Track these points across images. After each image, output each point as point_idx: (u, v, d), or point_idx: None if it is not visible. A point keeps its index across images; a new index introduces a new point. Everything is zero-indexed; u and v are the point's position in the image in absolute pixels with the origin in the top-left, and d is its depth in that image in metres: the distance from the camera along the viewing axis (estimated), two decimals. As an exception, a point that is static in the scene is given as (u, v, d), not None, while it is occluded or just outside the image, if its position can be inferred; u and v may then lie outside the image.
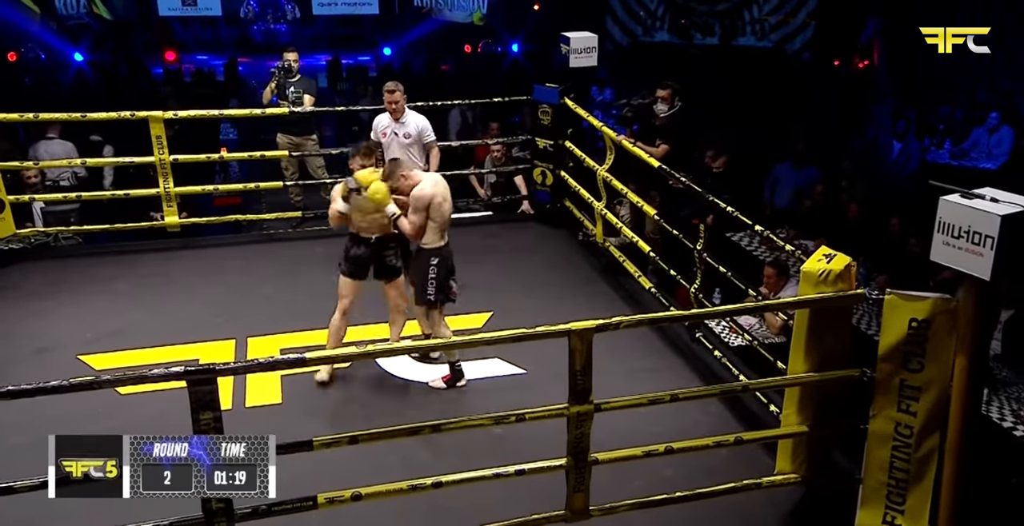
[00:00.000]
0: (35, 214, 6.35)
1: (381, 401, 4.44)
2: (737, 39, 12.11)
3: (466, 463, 3.43)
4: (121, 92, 9.79)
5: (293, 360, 3.11)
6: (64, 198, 6.15)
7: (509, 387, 4.59)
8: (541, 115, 6.74)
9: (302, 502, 3.07)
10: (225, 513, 2.94)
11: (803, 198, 7.95)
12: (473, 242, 6.53)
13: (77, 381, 3.04)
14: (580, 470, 3.28)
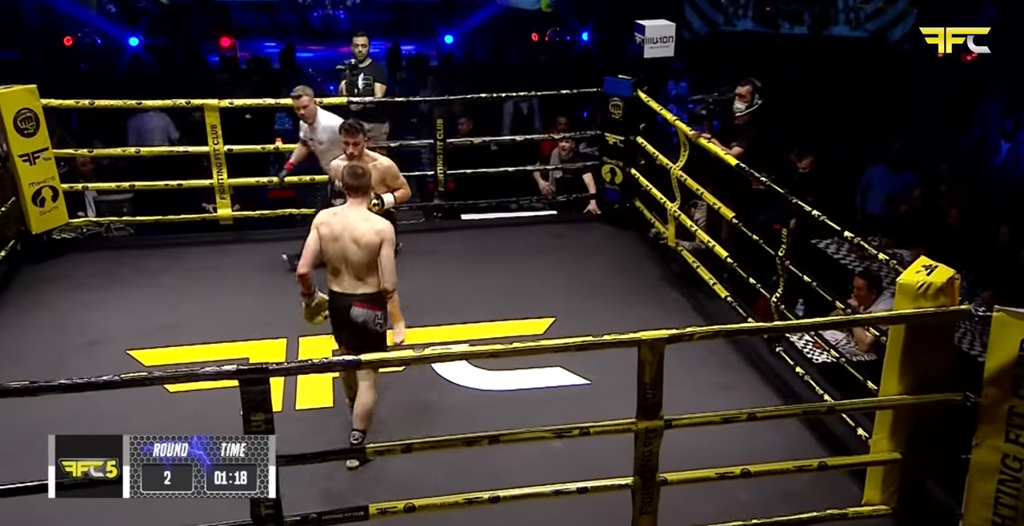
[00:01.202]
0: (88, 203, 6.62)
1: (436, 408, 4.48)
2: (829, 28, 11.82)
3: (523, 478, 3.44)
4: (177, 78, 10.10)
5: (348, 362, 3.17)
6: (117, 187, 6.39)
7: (571, 398, 4.58)
8: (611, 109, 6.72)
9: (353, 512, 3.13)
10: (274, 519, 3.01)
11: (898, 203, 7.72)
12: (536, 242, 6.58)
13: (129, 377, 3.15)
14: (648, 490, 3.25)
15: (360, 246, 3.89)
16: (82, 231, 6.42)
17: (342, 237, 3.92)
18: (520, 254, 6.34)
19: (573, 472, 3.49)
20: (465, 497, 3.21)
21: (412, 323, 5.22)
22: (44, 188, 5.79)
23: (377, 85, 6.88)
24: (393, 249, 3.96)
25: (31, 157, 5.67)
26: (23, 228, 5.74)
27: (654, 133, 6.86)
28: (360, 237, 3.89)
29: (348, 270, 3.96)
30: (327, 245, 3.95)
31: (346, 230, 3.91)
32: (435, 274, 6.00)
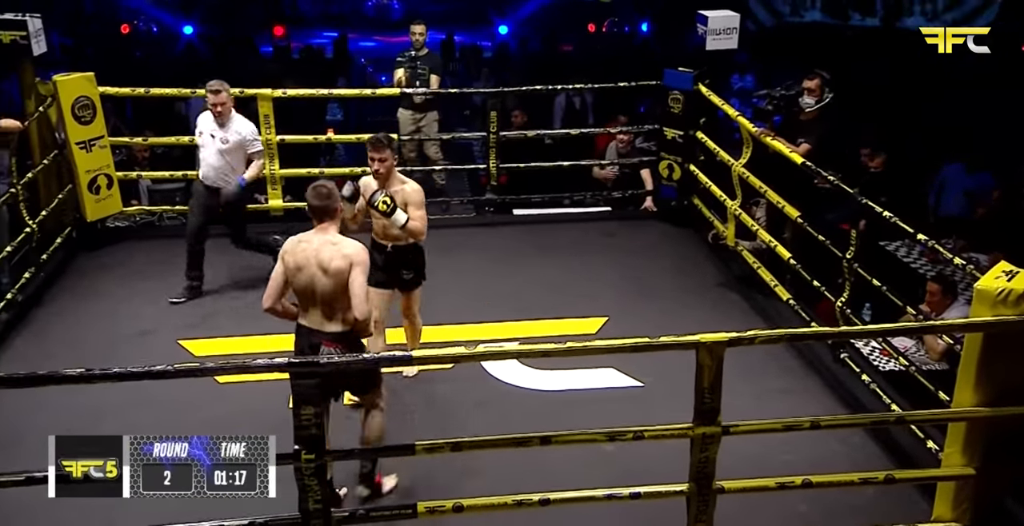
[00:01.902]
0: (142, 192, 6.79)
1: (485, 406, 4.49)
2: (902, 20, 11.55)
3: (573, 480, 3.43)
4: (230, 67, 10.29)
5: (399, 357, 3.20)
6: (171, 176, 6.54)
7: (623, 400, 4.56)
8: (671, 103, 6.66)
9: (401, 509, 3.16)
10: (322, 514, 3.05)
11: (975, 205, 7.51)
12: (589, 239, 6.56)
13: (182, 367, 3.22)
14: (703, 498, 3.22)
15: (328, 274, 3.52)
16: (135, 220, 6.59)
17: (307, 266, 3.55)
18: (573, 251, 6.33)
19: (623, 476, 3.47)
20: (515, 498, 3.21)
21: (461, 319, 5.31)
22: (99, 176, 5.95)
23: (433, 77, 6.94)
24: (365, 275, 3.55)
25: (88, 145, 5.84)
26: (78, 215, 5.91)
27: (715, 128, 6.77)
28: (327, 263, 3.52)
29: (316, 304, 3.58)
30: (292, 277, 3.58)
31: (311, 258, 3.54)
32: (485, 270, 6.03)
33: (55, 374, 2.88)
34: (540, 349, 3.32)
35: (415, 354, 3.19)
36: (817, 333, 3.85)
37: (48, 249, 5.66)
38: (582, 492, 3.26)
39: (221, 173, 5.42)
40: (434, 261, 6.12)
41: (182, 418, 4.12)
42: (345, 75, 10.91)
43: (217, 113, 5.33)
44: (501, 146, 6.78)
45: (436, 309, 5.38)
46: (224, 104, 5.33)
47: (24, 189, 5.46)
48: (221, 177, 5.43)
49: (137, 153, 6.72)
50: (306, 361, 3.08)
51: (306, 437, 3.01)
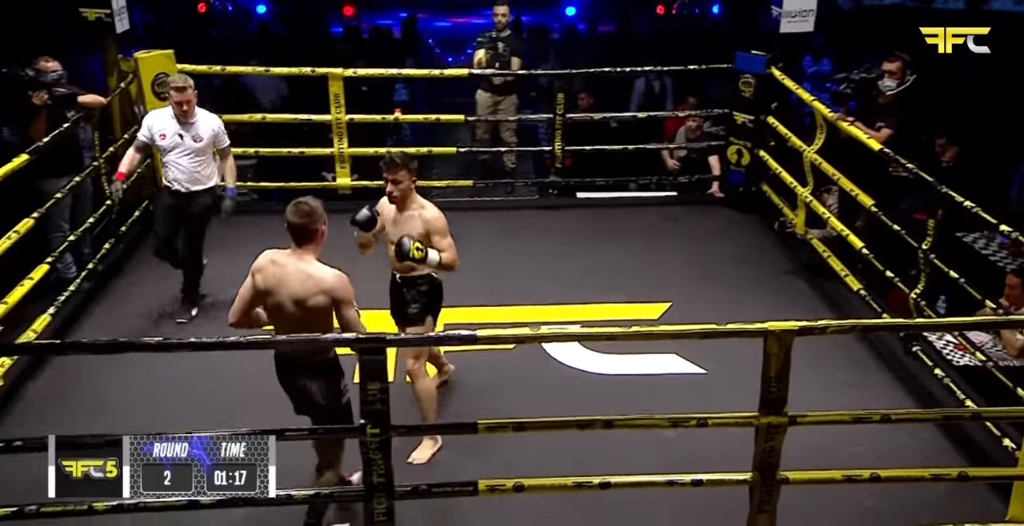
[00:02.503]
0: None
1: (546, 388, 4.48)
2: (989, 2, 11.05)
3: (632, 465, 3.41)
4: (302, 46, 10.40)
5: (464, 336, 3.19)
6: (242, 153, 6.64)
7: (685, 387, 4.51)
8: (742, 86, 6.52)
9: (462, 486, 3.17)
10: (385, 488, 3.08)
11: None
12: (654, 224, 6.49)
13: (253, 339, 3.29)
14: (767, 488, 3.17)
15: (304, 309, 3.16)
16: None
17: (276, 293, 3.20)
18: (637, 235, 6.26)
19: (683, 463, 3.44)
20: (575, 481, 3.20)
21: (523, 300, 5.30)
22: (176, 151, 6.07)
23: (515, 59, 6.92)
24: (354, 306, 3.20)
25: (166, 121, 5.96)
26: (156, 189, 6.05)
27: (787, 113, 6.60)
28: (302, 297, 3.15)
29: (289, 332, 3.22)
30: (261, 299, 3.25)
31: (282, 286, 3.18)
32: (548, 252, 6.01)
33: (135, 342, 2.97)
34: (606, 332, 3.30)
35: (480, 333, 3.16)
36: (891, 324, 3.74)
37: (127, 221, 5.82)
38: (643, 477, 3.23)
39: (195, 175, 4.95)
40: (497, 242, 6.20)
41: (249, 388, 4.19)
42: (413, 55, 10.93)
43: (183, 111, 4.84)
44: (567, 129, 6.73)
45: (498, 290, 5.41)
46: (191, 101, 4.85)
47: (105, 162, 5.62)
48: (195, 179, 4.96)
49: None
50: (373, 336, 3.10)
51: (372, 412, 3.05)
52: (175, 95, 4.83)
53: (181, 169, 4.93)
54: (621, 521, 3.52)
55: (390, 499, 3.10)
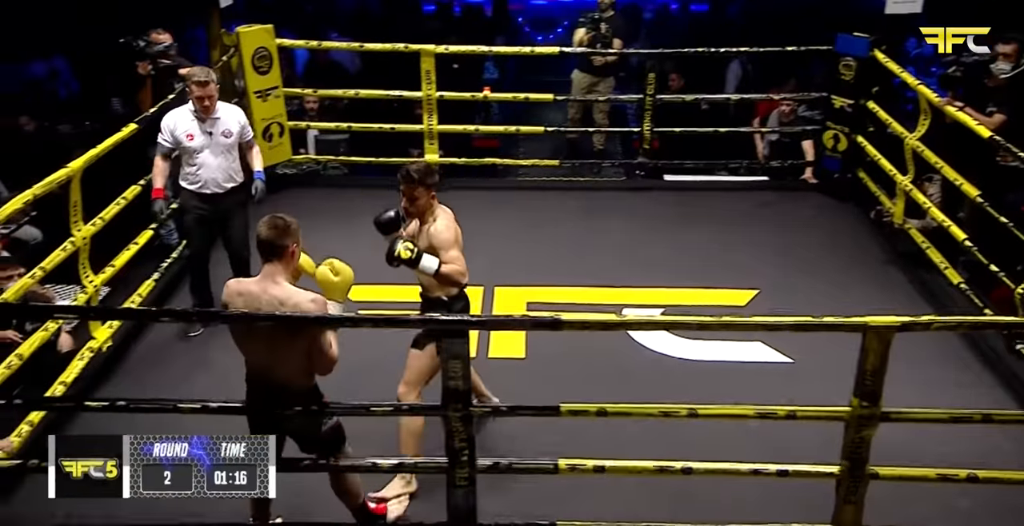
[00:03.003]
0: (309, 142, 7.06)
1: (629, 373, 4.44)
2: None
3: (713, 452, 3.34)
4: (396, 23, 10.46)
5: (548, 321, 3.15)
6: (336, 128, 6.76)
7: (771, 376, 4.41)
8: (842, 69, 6.28)
9: (544, 464, 3.17)
10: (468, 458, 3.10)
11: None
12: (743, 209, 6.34)
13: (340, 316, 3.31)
14: (855, 482, 3.07)
15: (282, 339, 2.91)
16: (302, 168, 6.86)
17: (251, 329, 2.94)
18: (725, 220, 6.13)
19: (765, 452, 3.36)
20: (657, 465, 3.16)
21: (606, 282, 5.25)
22: (273, 124, 6.23)
23: (616, 41, 6.84)
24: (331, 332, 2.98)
25: (264, 94, 6.11)
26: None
27: (889, 98, 6.33)
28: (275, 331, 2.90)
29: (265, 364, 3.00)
30: (235, 337, 3.03)
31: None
32: (634, 235, 5.93)
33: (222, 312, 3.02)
34: (697, 320, 3.21)
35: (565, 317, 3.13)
36: (1000, 322, 3.54)
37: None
38: (727, 465, 3.17)
39: (229, 172, 4.65)
40: (581, 223, 6.15)
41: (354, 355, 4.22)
42: (504, 34, 10.89)
43: (204, 106, 4.49)
44: (656, 110, 6.60)
45: (580, 270, 5.37)
46: (213, 96, 4.52)
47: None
48: (230, 176, 4.65)
49: (306, 104, 6.98)
50: (455, 319, 3.12)
51: (453, 388, 3.05)
52: (197, 90, 4.44)
53: (213, 168, 4.56)
54: (698, 509, 3.47)
55: (472, 467, 3.11)
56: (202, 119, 4.53)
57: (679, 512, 3.36)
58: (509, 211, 6.31)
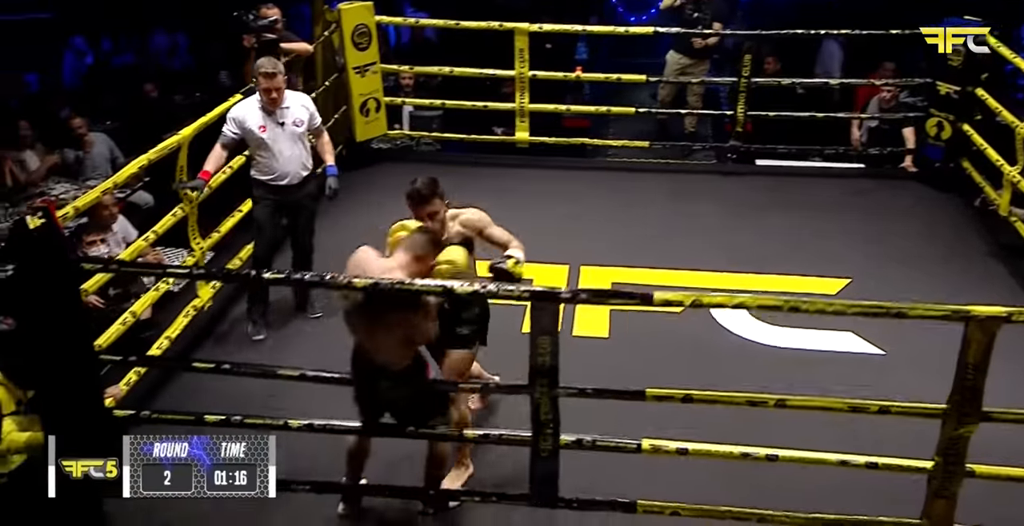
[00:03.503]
0: (404, 117, 7.13)
1: (713, 357, 4.36)
2: None
3: (798, 440, 3.26)
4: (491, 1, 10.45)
5: (640, 296, 3.11)
6: (431, 104, 6.81)
7: (861, 367, 4.27)
8: (950, 54, 5.96)
9: (627, 444, 3.15)
10: (552, 433, 3.11)
11: None
12: (837, 196, 6.15)
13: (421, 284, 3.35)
14: (949, 477, 2.95)
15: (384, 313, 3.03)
16: (396, 143, 6.94)
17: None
18: (818, 207, 5.94)
19: (851, 443, 3.26)
20: (742, 450, 3.11)
21: (692, 266, 5.16)
22: (370, 100, 6.32)
23: (716, 24, 6.69)
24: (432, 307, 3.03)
25: (362, 70, 6.20)
26: (349, 135, 6.32)
27: (999, 85, 6.00)
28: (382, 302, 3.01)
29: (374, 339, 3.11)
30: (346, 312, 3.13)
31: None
32: (723, 220, 5.82)
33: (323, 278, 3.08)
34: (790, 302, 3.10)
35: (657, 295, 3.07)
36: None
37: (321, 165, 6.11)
38: (813, 454, 3.10)
39: (302, 160, 4.53)
40: (668, 205, 6.06)
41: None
42: (597, 13, 10.74)
43: (272, 98, 4.36)
44: (751, 93, 6.42)
45: (666, 253, 5.30)
46: (281, 88, 4.38)
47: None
48: (303, 165, 4.54)
49: (402, 80, 7.05)
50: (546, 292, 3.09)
51: (541, 365, 3.05)
52: (264, 81, 4.31)
53: (286, 159, 4.45)
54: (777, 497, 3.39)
55: (555, 438, 3.11)
56: (270, 111, 4.41)
57: (758, 500, 3.29)
58: (597, 191, 6.26)
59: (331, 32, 6.13)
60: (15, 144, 6.40)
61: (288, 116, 4.44)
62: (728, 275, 5.08)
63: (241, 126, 4.41)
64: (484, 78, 6.63)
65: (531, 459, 3.16)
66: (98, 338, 3.52)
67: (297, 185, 4.53)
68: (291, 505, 3.33)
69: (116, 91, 8.06)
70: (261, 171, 4.51)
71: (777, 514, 3.13)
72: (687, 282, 5.00)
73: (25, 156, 6.23)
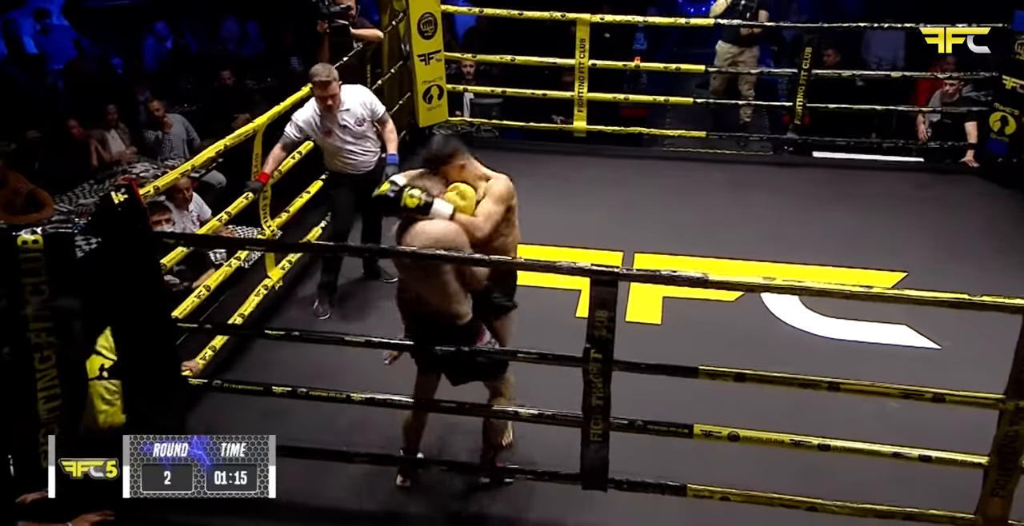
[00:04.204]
0: (465, 104, 7.15)
1: (765, 346, 4.28)
2: None
3: (849, 432, 3.19)
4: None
5: (696, 278, 3.07)
6: (491, 92, 6.81)
7: (914, 360, 4.17)
8: (1017, 48, 5.75)
9: (678, 427, 3.13)
10: (603, 414, 3.10)
11: None
12: (895, 190, 5.99)
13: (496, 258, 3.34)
14: (1005, 474, 2.87)
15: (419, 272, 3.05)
16: (457, 129, 6.93)
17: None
18: (875, 201, 5.79)
19: (903, 437, 3.17)
20: (793, 438, 3.06)
21: (745, 257, 5.08)
22: (433, 87, 6.34)
23: (763, 12, 6.56)
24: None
25: (427, 57, 6.21)
26: (412, 121, 6.36)
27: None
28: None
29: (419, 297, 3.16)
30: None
31: None
32: (778, 211, 5.71)
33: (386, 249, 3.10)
34: (843, 290, 3.04)
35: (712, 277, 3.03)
36: None
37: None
38: (867, 445, 3.03)
39: (367, 151, 4.51)
40: (724, 196, 5.97)
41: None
42: (656, 4, 10.61)
43: (328, 106, 4.31)
44: (809, 85, 6.27)
45: (720, 244, 5.22)
46: (336, 95, 4.29)
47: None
48: (368, 155, 4.52)
49: (463, 68, 7.06)
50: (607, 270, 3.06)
51: (597, 338, 3.04)
52: (318, 90, 4.26)
53: (357, 154, 4.47)
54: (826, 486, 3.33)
55: (606, 422, 3.11)
56: (329, 114, 4.34)
57: (806, 488, 3.24)
58: (653, 180, 6.20)
59: (398, 21, 6.16)
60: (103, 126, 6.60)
61: (349, 118, 4.39)
62: (782, 266, 4.99)
63: (305, 132, 4.38)
64: (543, 67, 6.59)
65: (582, 441, 3.16)
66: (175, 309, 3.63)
67: (371, 171, 4.53)
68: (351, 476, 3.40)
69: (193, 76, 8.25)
70: (333, 165, 4.56)
71: (827, 503, 3.08)
72: (740, 272, 4.92)
73: (110, 137, 6.43)
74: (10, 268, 2.85)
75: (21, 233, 2.85)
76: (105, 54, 8.63)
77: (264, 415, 3.61)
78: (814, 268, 4.94)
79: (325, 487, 3.42)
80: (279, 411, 3.62)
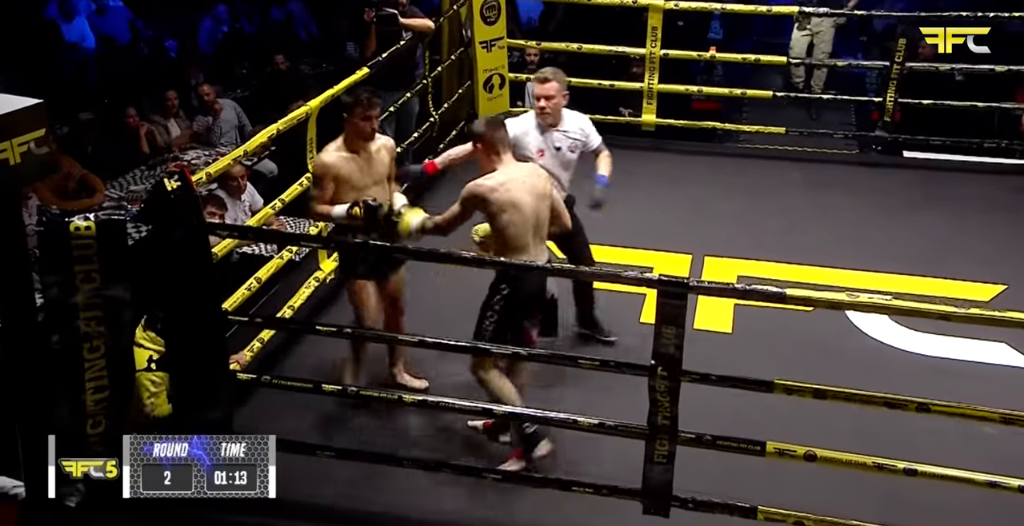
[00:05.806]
0: (527, 94, 7.13)
1: (844, 359, 4.18)
2: None
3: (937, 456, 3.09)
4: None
5: (772, 293, 3.01)
6: (555, 82, 6.78)
7: (1012, 381, 4.01)
8: None
9: (750, 444, 3.06)
10: (669, 430, 3.06)
11: None
12: (994, 194, 5.83)
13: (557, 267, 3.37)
14: (1114, 513, 2.75)
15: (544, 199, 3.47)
16: (519, 118, 6.95)
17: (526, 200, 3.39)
18: (972, 205, 5.61)
19: (995, 464, 3.07)
20: (876, 461, 2.98)
21: (824, 262, 4.96)
22: (494, 75, 6.35)
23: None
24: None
25: (489, 44, 6.23)
26: (472, 110, 6.38)
27: None
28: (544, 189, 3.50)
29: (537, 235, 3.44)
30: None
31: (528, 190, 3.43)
32: (862, 214, 5.58)
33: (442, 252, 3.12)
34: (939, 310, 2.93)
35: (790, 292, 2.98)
36: None
37: (445, 139, 6.20)
38: (959, 472, 2.93)
39: (564, 184, 4.09)
40: (803, 196, 5.85)
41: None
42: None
43: (544, 114, 3.93)
44: (902, 79, 6.10)
45: (796, 247, 5.11)
46: (553, 98, 3.91)
47: (431, 82, 5.98)
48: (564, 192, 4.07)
49: (527, 56, 7.04)
50: (677, 280, 3.03)
51: (665, 355, 3.00)
52: (536, 90, 3.97)
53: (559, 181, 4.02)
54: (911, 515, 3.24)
55: (673, 443, 3.07)
56: (541, 130, 3.98)
57: (887, 515, 3.15)
58: (725, 178, 6.11)
59: (459, 6, 6.18)
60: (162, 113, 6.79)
61: (565, 141, 4.01)
62: (865, 274, 4.87)
63: (522, 143, 3.92)
64: (611, 56, 6.54)
65: (645, 459, 3.11)
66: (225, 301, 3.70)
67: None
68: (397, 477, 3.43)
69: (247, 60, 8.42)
70: None
71: (911, 533, 2.99)
72: (818, 279, 4.82)
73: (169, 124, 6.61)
74: (62, 255, 2.92)
75: (74, 219, 2.92)
76: (159, 37, 8.85)
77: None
78: (900, 277, 4.82)
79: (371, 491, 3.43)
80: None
